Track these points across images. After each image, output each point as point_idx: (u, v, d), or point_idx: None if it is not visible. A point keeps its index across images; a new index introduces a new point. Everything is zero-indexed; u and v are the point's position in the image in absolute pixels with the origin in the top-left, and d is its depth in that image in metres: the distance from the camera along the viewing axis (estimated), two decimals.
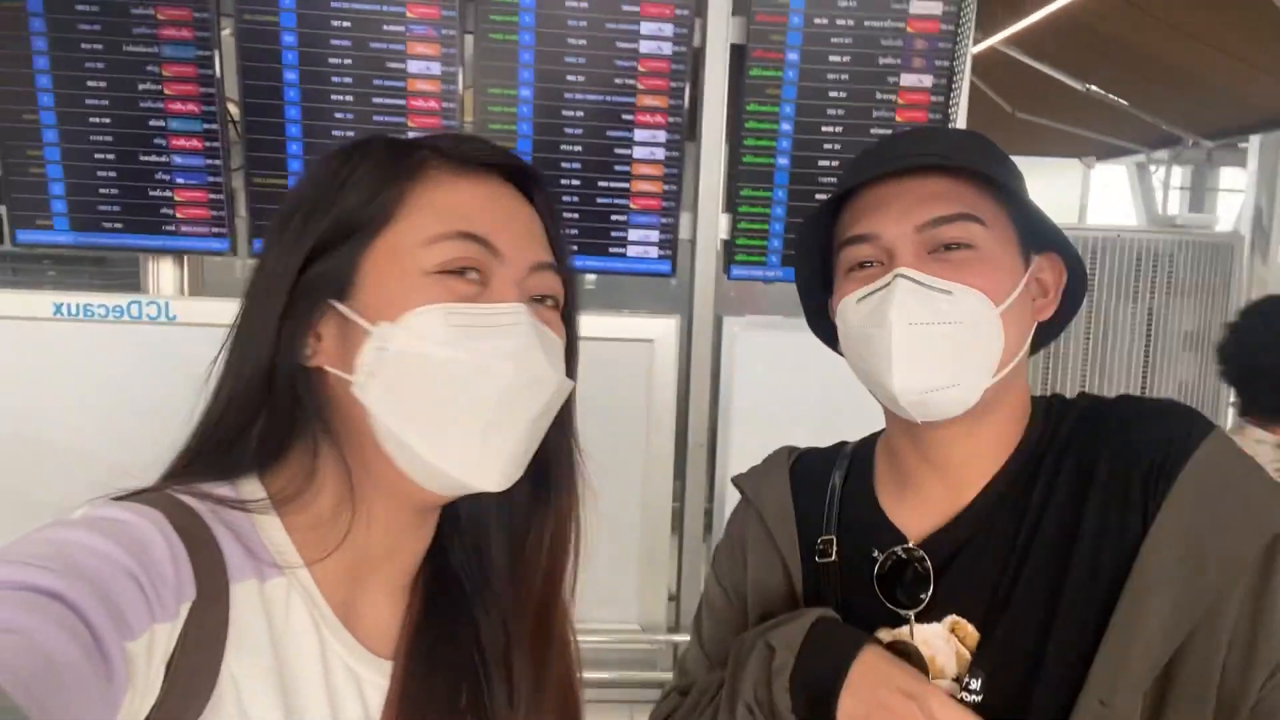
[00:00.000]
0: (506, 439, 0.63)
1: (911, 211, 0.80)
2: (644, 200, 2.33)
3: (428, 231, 0.64)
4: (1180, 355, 3.15)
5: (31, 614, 0.47)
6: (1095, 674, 0.73)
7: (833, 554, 0.91)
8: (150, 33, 2.17)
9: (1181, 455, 0.76)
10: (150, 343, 2.36)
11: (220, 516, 0.63)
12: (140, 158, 2.24)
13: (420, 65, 2.24)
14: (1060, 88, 5.18)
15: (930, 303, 0.77)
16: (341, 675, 0.65)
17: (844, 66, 2.29)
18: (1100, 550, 0.77)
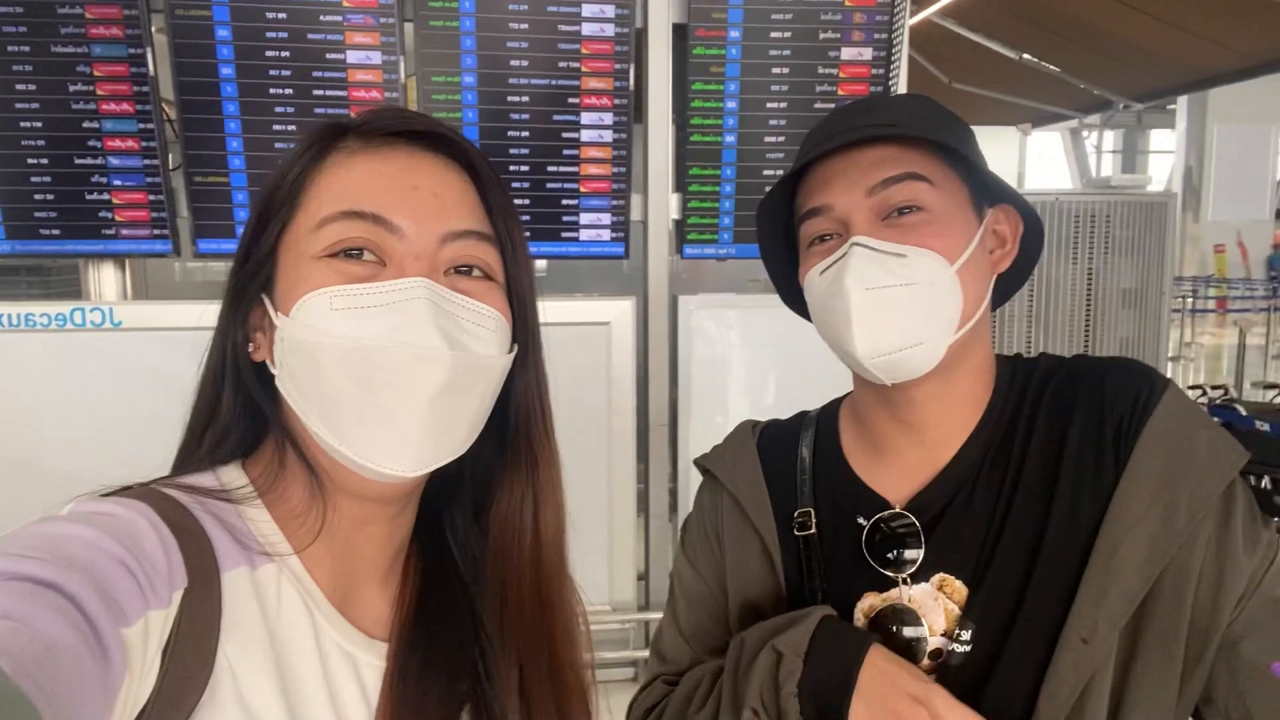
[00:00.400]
0: (407, 423, 0.60)
1: (860, 179, 0.82)
2: (594, 183, 2.33)
3: (317, 215, 0.62)
4: (1120, 312, 3.25)
5: (28, 602, 0.47)
6: (1076, 613, 0.76)
7: (812, 526, 0.91)
8: (79, 32, 2.11)
9: (1146, 409, 0.81)
10: (96, 349, 2.31)
11: (207, 508, 0.62)
12: (75, 160, 2.18)
13: (360, 55, 2.21)
14: (994, 57, 5.27)
15: (885, 266, 0.79)
16: (337, 658, 0.65)
17: (785, 42, 2.31)
18: (1078, 498, 0.80)
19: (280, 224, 0.64)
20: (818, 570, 0.91)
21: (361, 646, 0.67)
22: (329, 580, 0.67)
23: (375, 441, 0.60)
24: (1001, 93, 5.84)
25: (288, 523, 0.66)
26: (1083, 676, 0.76)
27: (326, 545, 0.66)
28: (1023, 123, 6.36)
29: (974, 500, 0.85)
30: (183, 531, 0.59)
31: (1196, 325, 11.35)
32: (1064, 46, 5.55)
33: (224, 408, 0.67)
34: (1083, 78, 6.15)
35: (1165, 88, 6.55)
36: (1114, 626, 0.76)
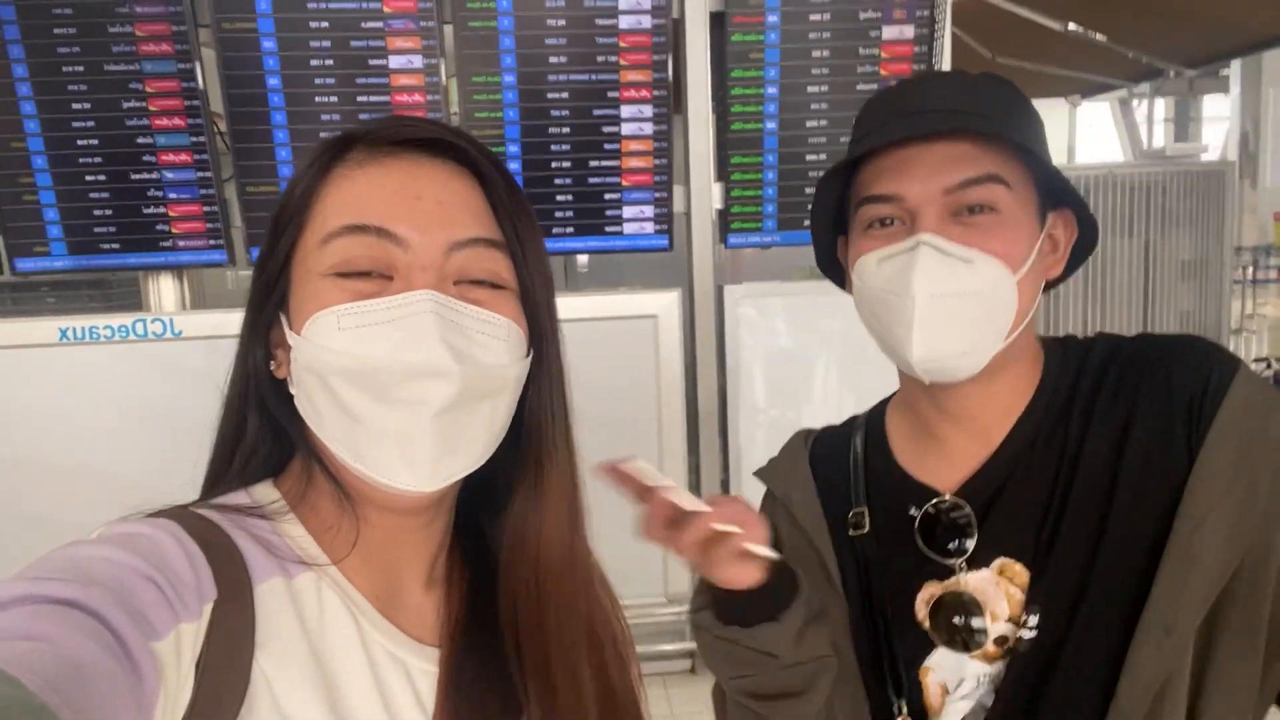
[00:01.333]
0: (420, 439, 0.60)
1: (938, 174, 0.78)
2: (636, 176, 2.33)
3: (322, 231, 0.61)
4: (1178, 286, 3.16)
5: (52, 622, 0.46)
6: (1154, 599, 0.74)
7: (865, 525, 0.91)
8: (130, 50, 2.17)
9: (1219, 388, 0.78)
10: (157, 359, 2.37)
11: (238, 523, 0.62)
12: (131, 176, 2.24)
13: (401, 59, 2.23)
14: (1039, 29, 5.15)
15: (952, 271, 0.77)
16: (387, 663, 0.64)
17: (825, 24, 2.28)
18: (1145, 481, 0.78)
19: (290, 240, 0.63)
20: (876, 568, 0.90)
21: (412, 652, 0.66)
22: (370, 588, 0.66)
23: (390, 459, 0.60)
24: (1048, 65, 5.71)
25: (322, 535, 0.65)
26: (1165, 668, 0.73)
27: (363, 555, 0.66)
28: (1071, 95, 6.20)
29: (1029, 483, 0.84)
30: (211, 546, 0.58)
31: (1258, 296, 10.98)
32: (1110, 14, 5.40)
33: (250, 427, 0.66)
34: (1131, 45, 5.99)
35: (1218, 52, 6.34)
36: (1196, 615, 0.73)
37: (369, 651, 0.63)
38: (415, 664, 0.65)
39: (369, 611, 0.65)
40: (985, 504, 0.85)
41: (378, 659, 0.64)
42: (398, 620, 0.66)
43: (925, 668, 0.86)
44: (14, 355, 2.32)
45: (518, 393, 0.66)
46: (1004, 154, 0.80)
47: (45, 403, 2.35)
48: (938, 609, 0.85)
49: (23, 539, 2.24)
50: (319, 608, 0.62)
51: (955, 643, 0.83)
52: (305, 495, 0.65)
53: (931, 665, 0.85)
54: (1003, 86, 0.85)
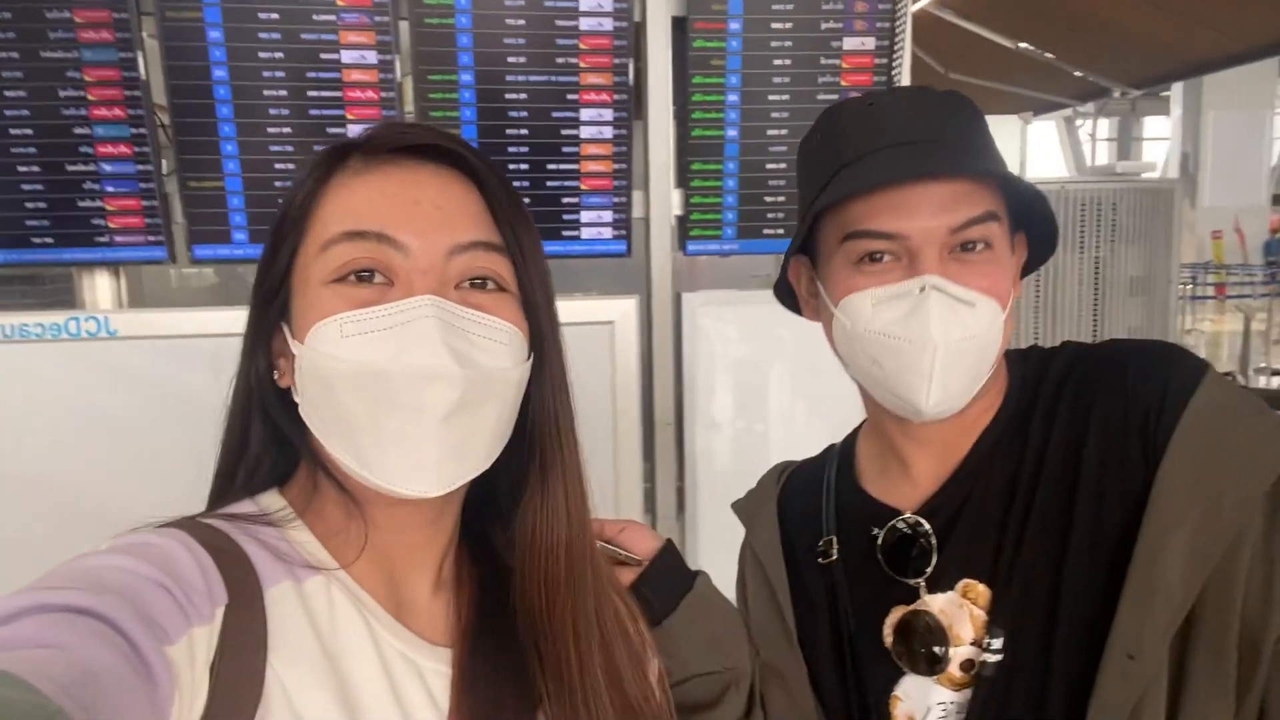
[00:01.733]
0: (425, 444, 0.60)
1: (943, 213, 0.77)
2: (595, 181, 2.30)
3: (321, 239, 0.63)
4: (1127, 301, 3.22)
5: (64, 629, 0.47)
6: (1118, 626, 0.72)
7: (833, 554, 0.90)
8: (69, 36, 2.08)
9: (1180, 396, 0.76)
10: (91, 359, 2.27)
11: (246, 531, 0.63)
12: (67, 167, 2.14)
13: (355, 55, 2.17)
14: (992, 47, 5.24)
15: (958, 317, 0.76)
16: (400, 664, 0.64)
17: (787, 33, 2.27)
18: (1103, 494, 0.77)
19: (290, 249, 0.64)
20: (844, 595, 0.89)
21: (424, 653, 0.66)
22: (380, 591, 0.66)
23: (395, 464, 0.60)
24: (999, 82, 5.82)
25: (329, 540, 0.66)
26: (1132, 694, 0.71)
27: (371, 559, 0.66)
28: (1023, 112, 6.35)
29: (988, 498, 0.83)
30: (220, 552, 0.59)
31: (1196, 312, 11.34)
32: (1060, 34, 5.53)
33: (254, 437, 0.68)
34: (1079, 65, 6.14)
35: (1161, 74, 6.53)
36: (1161, 640, 0.71)
37: (381, 653, 0.64)
38: (428, 665, 0.66)
39: (379, 614, 0.65)
40: (946, 522, 0.84)
41: (390, 660, 0.64)
42: (408, 622, 0.67)
43: (894, 698, 0.84)
44: None
45: (520, 395, 0.66)
46: (992, 188, 0.80)
47: None
48: (901, 633, 0.83)
49: None
50: (330, 611, 0.63)
51: (919, 667, 0.82)
52: (311, 502, 0.67)
53: (900, 695, 0.84)
54: (968, 107, 0.84)
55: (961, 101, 0.84)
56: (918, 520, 0.85)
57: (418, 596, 0.69)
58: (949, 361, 0.77)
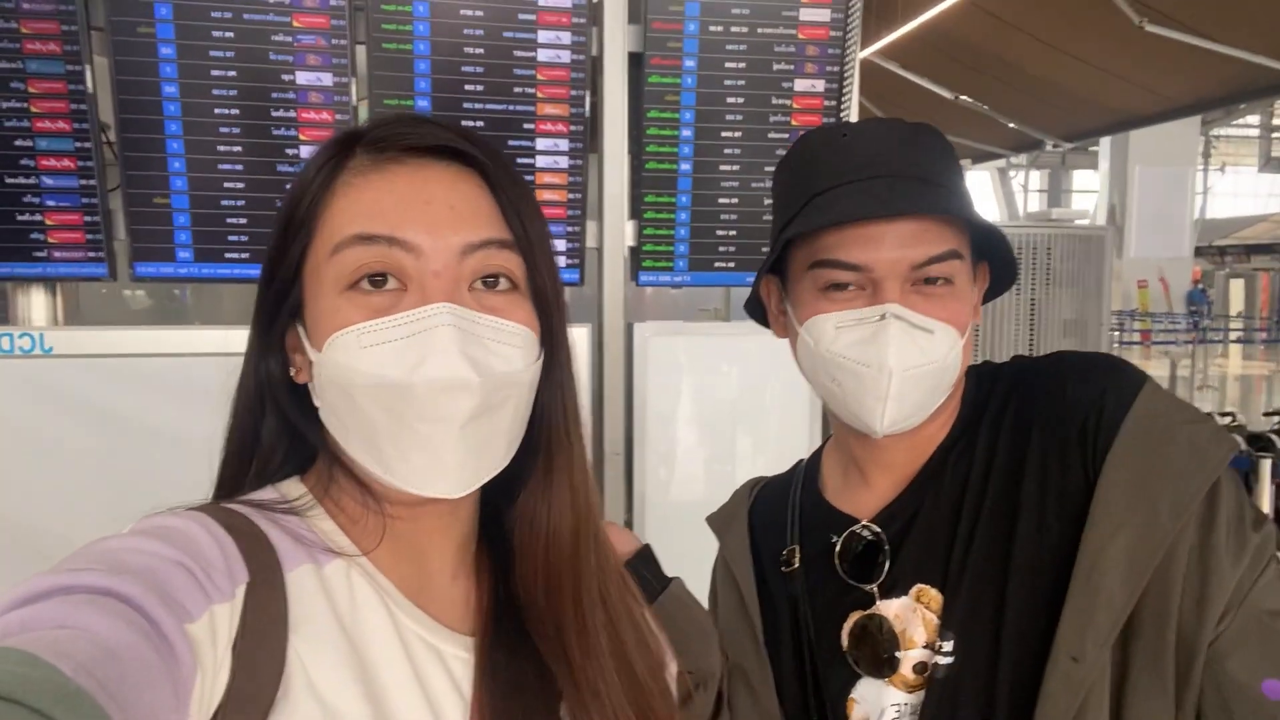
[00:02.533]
0: (445, 450, 0.61)
1: (906, 249, 0.79)
2: (549, 210, 2.31)
3: (332, 241, 0.62)
4: (1061, 342, 3.34)
5: (86, 610, 0.47)
6: (1062, 631, 0.74)
7: (795, 562, 0.92)
8: (14, 47, 2.03)
9: (1119, 406, 0.79)
10: (25, 377, 2.20)
11: (267, 516, 0.63)
12: (6, 180, 2.08)
13: (310, 76, 2.16)
14: (931, 97, 5.43)
15: (916, 343, 0.79)
16: (421, 650, 0.64)
17: (740, 73, 2.33)
18: (1043, 503, 0.80)
19: (300, 247, 0.64)
20: (805, 602, 0.90)
21: (446, 639, 0.66)
22: (400, 577, 0.66)
23: (416, 470, 0.61)
24: None
25: (349, 528, 0.66)
26: (1075, 697, 0.74)
27: (391, 545, 0.66)
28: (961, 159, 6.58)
29: (939, 507, 0.86)
30: (241, 534, 0.59)
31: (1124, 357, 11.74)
32: (996, 88, 5.75)
33: (266, 433, 0.68)
34: (1013, 118, 6.39)
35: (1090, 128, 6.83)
36: (1103, 644, 0.74)
37: (403, 638, 0.63)
38: (450, 651, 0.66)
39: (400, 600, 0.65)
40: (901, 529, 0.86)
41: (412, 645, 0.64)
42: (428, 609, 0.66)
43: (851, 700, 0.86)
44: None
45: (534, 393, 0.67)
46: (957, 224, 0.83)
47: None
48: (857, 637, 0.86)
49: None
50: (350, 595, 0.62)
51: (873, 670, 0.84)
52: (329, 492, 0.67)
53: (857, 697, 0.86)
54: (938, 141, 0.87)
55: (933, 135, 0.86)
56: (873, 527, 0.88)
57: (438, 583, 0.69)
58: (904, 386, 0.80)
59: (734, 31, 2.30)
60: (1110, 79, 5.33)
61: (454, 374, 0.59)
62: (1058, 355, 0.90)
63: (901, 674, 0.83)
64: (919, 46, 5.17)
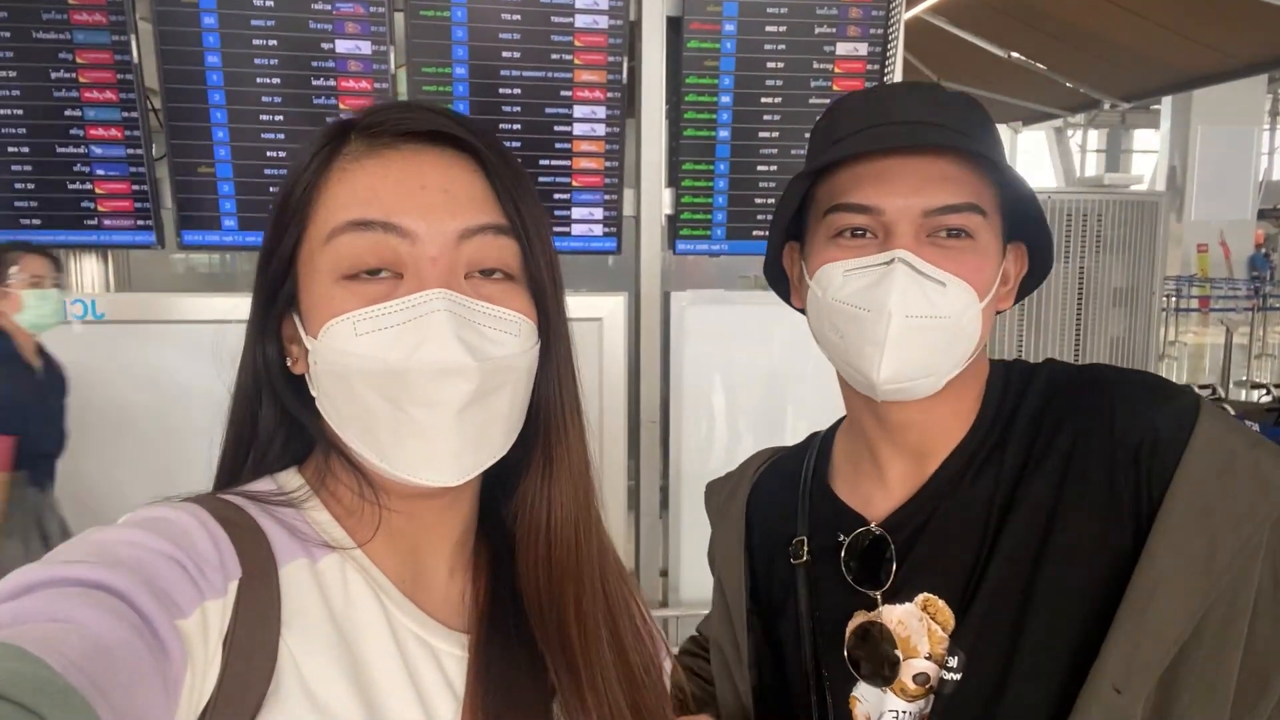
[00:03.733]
0: (442, 436, 0.61)
1: (919, 193, 0.76)
2: (586, 178, 2.30)
3: (326, 227, 0.61)
4: (1110, 311, 3.25)
5: (75, 603, 0.47)
6: (1107, 661, 0.71)
7: (804, 554, 0.90)
8: (61, 18, 2.07)
9: (1178, 432, 0.75)
10: (78, 341, 2.27)
11: (263, 508, 0.63)
12: (57, 149, 2.14)
13: (349, 45, 2.17)
14: (984, 55, 5.27)
15: (924, 293, 0.75)
16: (414, 646, 0.64)
17: (780, 36, 2.29)
18: (1082, 526, 0.76)
19: (294, 235, 0.63)
20: (811, 597, 0.89)
21: (440, 636, 0.66)
22: (396, 572, 0.66)
23: (413, 457, 0.61)
24: (990, 91, 5.85)
25: (344, 520, 0.66)
26: None
27: (386, 540, 0.66)
28: (1013, 121, 6.37)
29: (957, 517, 0.81)
30: (235, 526, 0.59)
31: (1180, 324, 11.43)
32: (1052, 45, 5.56)
33: (263, 421, 0.67)
34: (1070, 77, 6.17)
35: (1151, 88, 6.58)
36: (1151, 675, 0.70)
37: (396, 634, 0.63)
38: (443, 648, 0.65)
39: (394, 595, 0.65)
40: (911, 535, 0.83)
41: (405, 642, 0.64)
42: (424, 604, 0.66)
43: (853, 698, 0.85)
44: None
45: (531, 380, 0.67)
46: (982, 180, 0.79)
47: None
48: (859, 640, 0.84)
49: None
50: (344, 590, 0.62)
51: (872, 675, 0.82)
52: (325, 482, 0.66)
53: (858, 696, 0.84)
54: (976, 108, 0.83)
55: (970, 100, 0.83)
56: (881, 532, 0.85)
57: (434, 579, 0.69)
58: (905, 334, 0.76)
59: None
60: (1172, 36, 5.13)
61: (450, 358, 0.59)
62: (1096, 372, 0.84)
63: (901, 681, 0.81)
64: (972, 3, 5.01)
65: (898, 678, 0.81)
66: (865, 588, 0.84)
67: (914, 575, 0.82)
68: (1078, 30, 5.30)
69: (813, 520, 0.91)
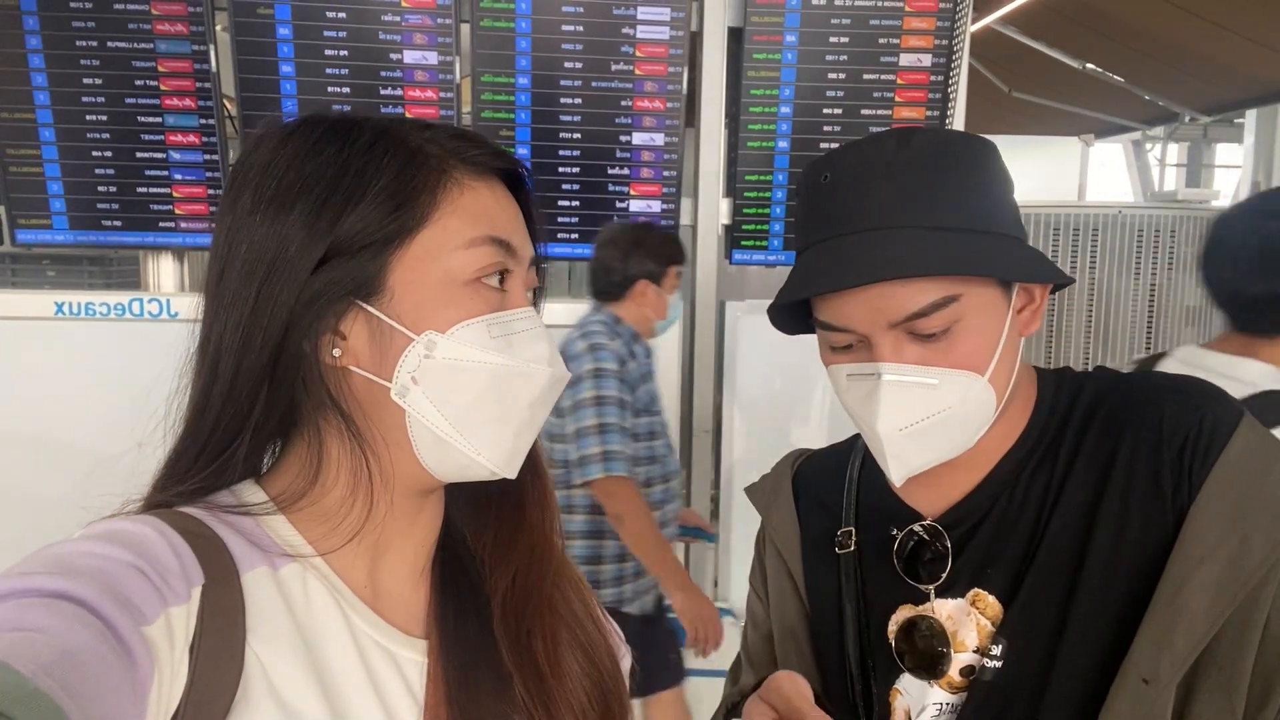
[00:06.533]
0: (529, 433, 0.68)
1: (883, 308, 0.75)
2: (645, 187, 2.32)
3: (461, 237, 0.64)
4: (1183, 330, 3.15)
5: (42, 613, 0.47)
6: (1137, 652, 0.73)
7: (851, 545, 0.91)
8: (144, 29, 2.16)
9: (1218, 437, 0.77)
10: (152, 340, 2.35)
11: (220, 518, 0.62)
12: (138, 155, 2.23)
13: (416, 55, 2.23)
14: (1057, 66, 5.16)
15: (916, 398, 0.76)
16: (376, 653, 0.65)
17: (843, 48, 2.28)
18: (1125, 524, 0.77)
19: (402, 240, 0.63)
20: (855, 588, 0.90)
21: (400, 643, 0.66)
22: (360, 579, 0.67)
23: (503, 450, 0.66)
24: (1063, 102, 5.72)
25: (312, 526, 0.65)
26: (1144, 718, 0.72)
27: (350, 547, 0.66)
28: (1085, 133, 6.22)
29: (1009, 516, 0.83)
30: (194, 536, 0.59)
31: None
32: (1129, 56, 5.42)
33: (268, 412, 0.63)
34: (1147, 89, 6.00)
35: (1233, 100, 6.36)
36: (1179, 668, 0.72)
37: (357, 641, 0.64)
38: (404, 654, 0.66)
39: (355, 603, 0.65)
40: (965, 533, 0.84)
41: (366, 649, 0.64)
42: (385, 612, 0.67)
43: (895, 690, 0.86)
44: (10, 327, 2.31)
45: None
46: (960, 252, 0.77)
47: (38, 377, 2.33)
48: (906, 634, 0.85)
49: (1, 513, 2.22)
50: (305, 597, 0.63)
51: (919, 669, 0.83)
52: (307, 489, 0.65)
53: (901, 689, 0.85)
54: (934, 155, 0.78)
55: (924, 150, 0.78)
56: (937, 528, 0.86)
57: (397, 587, 0.69)
58: (904, 446, 0.79)
59: (838, 5, 2.25)
60: (1255, 47, 4.96)
61: (561, 369, 0.68)
62: (1150, 376, 0.86)
63: (948, 675, 0.83)
64: (1044, 13, 4.92)
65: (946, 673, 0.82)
66: (918, 581, 0.85)
67: (965, 571, 0.83)
68: (1157, 41, 5.16)
69: (862, 514, 0.93)
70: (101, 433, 2.34)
